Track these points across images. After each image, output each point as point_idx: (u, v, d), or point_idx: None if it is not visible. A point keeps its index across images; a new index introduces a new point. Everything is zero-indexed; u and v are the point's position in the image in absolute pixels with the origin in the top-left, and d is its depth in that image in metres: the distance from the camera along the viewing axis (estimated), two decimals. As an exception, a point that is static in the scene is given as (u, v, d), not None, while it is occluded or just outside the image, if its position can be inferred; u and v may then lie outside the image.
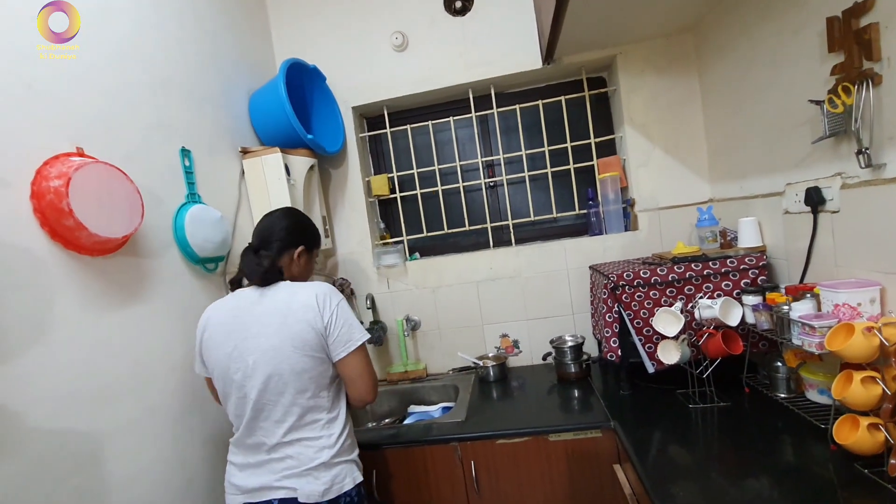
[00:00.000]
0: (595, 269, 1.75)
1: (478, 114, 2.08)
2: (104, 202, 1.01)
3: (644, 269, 1.46)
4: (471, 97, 2.06)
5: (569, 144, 2.03)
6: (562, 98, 2.01)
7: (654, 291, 1.45)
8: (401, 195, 2.17)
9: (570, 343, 1.80)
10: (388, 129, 2.12)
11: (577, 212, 2.07)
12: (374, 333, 1.98)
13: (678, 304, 1.40)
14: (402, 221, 2.16)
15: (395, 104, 2.11)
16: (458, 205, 2.13)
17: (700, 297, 1.40)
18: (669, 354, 1.38)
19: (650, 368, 1.46)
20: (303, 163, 1.79)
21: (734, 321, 1.30)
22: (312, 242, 1.30)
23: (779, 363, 1.33)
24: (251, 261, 1.16)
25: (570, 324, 1.98)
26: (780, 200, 1.37)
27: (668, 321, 1.38)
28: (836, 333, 0.98)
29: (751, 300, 1.29)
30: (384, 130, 2.13)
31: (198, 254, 1.34)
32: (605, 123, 2.06)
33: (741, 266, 1.40)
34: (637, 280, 1.45)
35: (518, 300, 2.01)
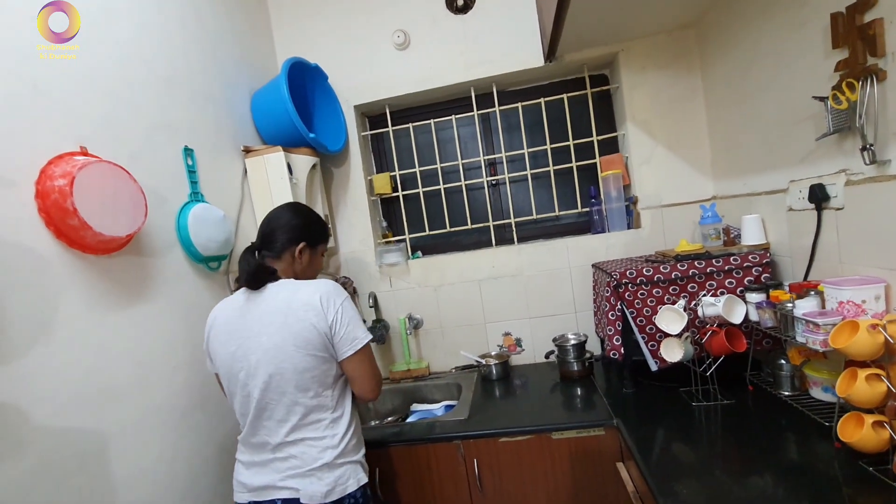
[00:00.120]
0: (598, 267, 1.75)
1: (480, 112, 2.07)
2: (108, 201, 1.01)
3: (647, 267, 1.46)
4: (473, 95, 2.06)
5: (571, 142, 2.02)
6: (564, 96, 2.01)
7: (657, 289, 1.45)
8: (403, 194, 2.17)
9: (573, 341, 1.80)
10: (390, 128, 2.12)
11: (580, 210, 2.06)
12: (377, 332, 1.98)
13: (681, 302, 1.40)
14: (405, 220, 2.16)
15: (397, 103, 2.12)
16: (461, 203, 2.13)
17: (703, 295, 1.40)
18: (673, 352, 1.38)
19: (653, 366, 1.45)
20: (305, 162, 1.79)
21: (738, 319, 1.30)
22: (314, 238, 1.26)
23: (783, 361, 1.32)
24: (243, 262, 1.16)
25: (573, 322, 1.97)
26: (784, 197, 1.37)
27: (672, 319, 1.38)
28: (841, 331, 0.97)
29: (754, 298, 1.29)
30: (386, 129, 2.13)
31: (201, 253, 1.35)
32: (608, 121, 2.06)
33: (745, 263, 1.39)
34: (640, 278, 1.45)
35: (520, 298, 2.01)
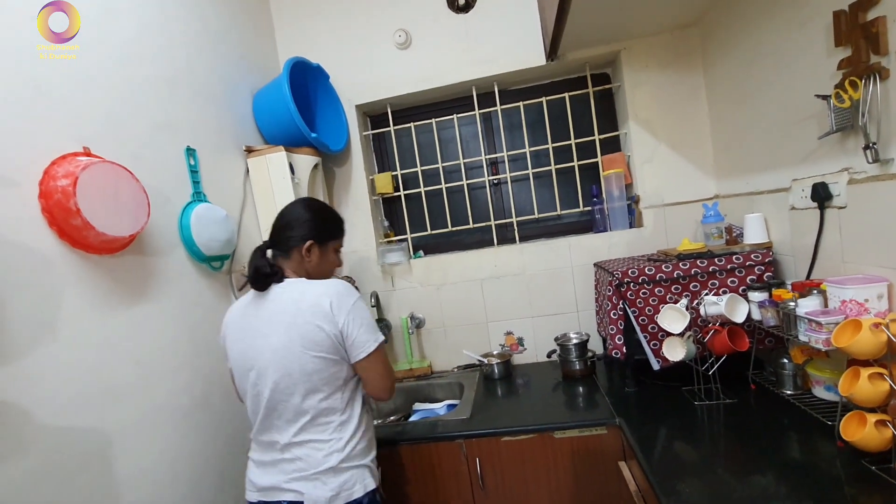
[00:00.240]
0: (600, 267, 1.75)
1: (481, 111, 2.07)
2: (111, 201, 1.02)
3: (649, 266, 1.46)
4: (474, 95, 2.06)
5: (573, 141, 2.02)
6: (566, 95, 2.00)
7: (660, 288, 1.45)
8: (405, 193, 2.16)
9: (575, 340, 1.80)
10: (392, 128, 2.12)
11: (582, 209, 2.06)
12: (379, 331, 1.98)
13: (683, 301, 1.40)
14: (406, 219, 2.16)
15: (399, 102, 2.12)
16: (462, 202, 2.13)
17: (705, 294, 1.40)
18: (675, 351, 1.38)
19: (655, 365, 1.45)
20: (307, 161, 1.79)
21: (740, 318, 1.30)
22: (324, 235, 1.20)
23: (785, 360, 1.32)
24: (250, 261, 1.16)
25: (575, 321, 1.97)
26: (787, 196, 1.36)
27: (674, 318, 1.38)
28: (843, 330, 0.97)
29: (757, 297, 1.29)
30: (388, 128, 2.13)
31: (203, 252, 1.35)
32: (610, 120, 2.06)
33: (747, 262, 1.39)
34: (642, 277, 1.45)
35: (522, 298, 2.01)
